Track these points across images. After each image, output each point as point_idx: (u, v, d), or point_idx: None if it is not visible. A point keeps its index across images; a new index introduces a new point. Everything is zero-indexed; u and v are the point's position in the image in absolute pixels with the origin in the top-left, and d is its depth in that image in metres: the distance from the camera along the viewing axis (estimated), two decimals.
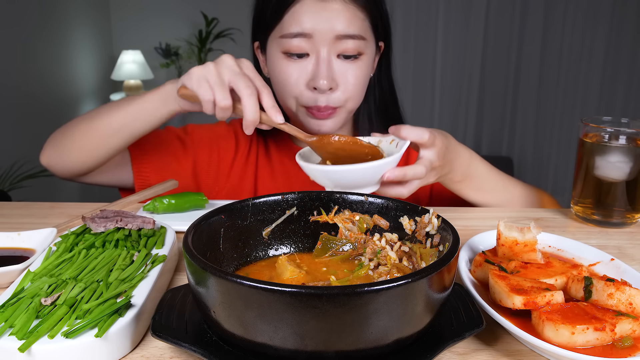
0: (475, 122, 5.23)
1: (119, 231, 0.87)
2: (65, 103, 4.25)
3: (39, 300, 0.67)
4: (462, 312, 0.68)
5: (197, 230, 0.70)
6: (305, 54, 1.22)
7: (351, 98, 1.27)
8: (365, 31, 1.23)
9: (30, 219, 1.13)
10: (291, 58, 1.23)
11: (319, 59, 1.21)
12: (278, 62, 1.25)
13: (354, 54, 1.22)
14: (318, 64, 1.21)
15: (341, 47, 1.21)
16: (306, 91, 1.24)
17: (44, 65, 3.93)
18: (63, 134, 1.26)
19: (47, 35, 3.93)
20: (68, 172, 1.28)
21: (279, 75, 1.26)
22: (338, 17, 1.19)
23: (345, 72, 1.23)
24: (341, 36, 1.20)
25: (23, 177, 3.26)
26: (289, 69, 1.23)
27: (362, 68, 1.25)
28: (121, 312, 0.65)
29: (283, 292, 0.53)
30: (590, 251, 0.89)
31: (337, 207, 0.83)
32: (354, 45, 1.21)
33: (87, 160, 1.24)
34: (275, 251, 0.83)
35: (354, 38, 1.21)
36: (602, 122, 1.11)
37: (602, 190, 1.11)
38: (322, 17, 1.19)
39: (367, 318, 0.54)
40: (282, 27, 1.22)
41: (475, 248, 0.90)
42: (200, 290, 0.60)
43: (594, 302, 0.71)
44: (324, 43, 1.20)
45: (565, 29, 4.93)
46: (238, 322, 0.57)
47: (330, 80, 1.21)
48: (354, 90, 1.26)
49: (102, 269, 0.76)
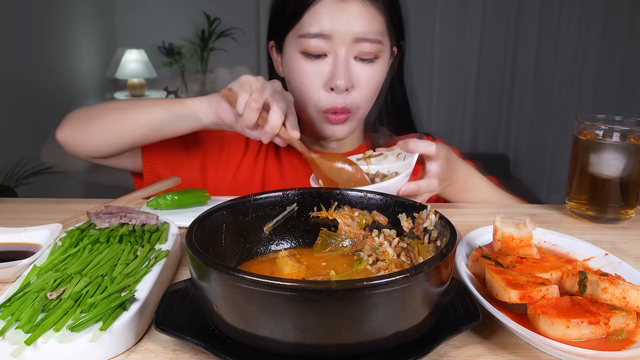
0: (472, 119, 5.22)
1: (123, 227, 0.87)
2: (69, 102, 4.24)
3: (44, 294, 0.67)
4: (459, 306, 0.68)
5: (200, 226, 0.70)
6: (323, 55, 1.21)
7: (364, 102, 1.26)
8: (382, 34, 1.22)
9: (36, 215, 1.13)
10: (309, 58, 1.22)
11: (336, 59, 1.20)
12: (296, 63, 1.24)
13: (371, 56, 1.21)
14: (336, 65, 1.20)
15: (359, 48, 1.20)
16: (323, 92, 1.23)
17: (49, 62, 3.92)
18: (89, 117, 1.25)
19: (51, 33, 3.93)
20: (83, 153, 1.27)
21: (297, 75, 1.25)
22: (357, 19, 1.18)
23: (362, 74, 1.22)
24: (359, 38, 1.19)
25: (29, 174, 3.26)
26: (307, 69, 1.22)
27: (378, 71, 1.24)
28: (125, 306, 0.65)
29: (284, 286, 0.53)
30: (584, 246, 0.89)
31: (336, 204, 0.84)
32: (372, 48, 1.20)
33: (108, 147, 1.25)
34: (276, 246, 0.83)
35: (372, 41, 1.20)
36: (596, 120, 1.11)
37: (597, 186, 1.11)
38: (341, 18, 1.18)
39: (366, 312, 0.54)
40: (301, 27, 1.21)
41: (472, 243, 0.90)
42: (202, 285, 0.60)
43: (589, 297, 0.71)
44: (342, 44, 1.19)
45: (561, 27, 4.92)
46: (240, 315, 0.57)
47: (347, 81, 1.20)
48: (367, 93, 1.25)
49: (106, 264, 0.76)
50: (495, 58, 5.05)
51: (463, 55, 5.05)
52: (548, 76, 5.06)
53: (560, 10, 4.87)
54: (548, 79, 5.07)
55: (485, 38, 5.00)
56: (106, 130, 1.23)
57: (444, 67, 5.11)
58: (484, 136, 5.29)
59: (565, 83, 5.06)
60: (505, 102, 5.19)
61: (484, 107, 5.21)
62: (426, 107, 5.16)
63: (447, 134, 5.17)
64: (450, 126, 5.22)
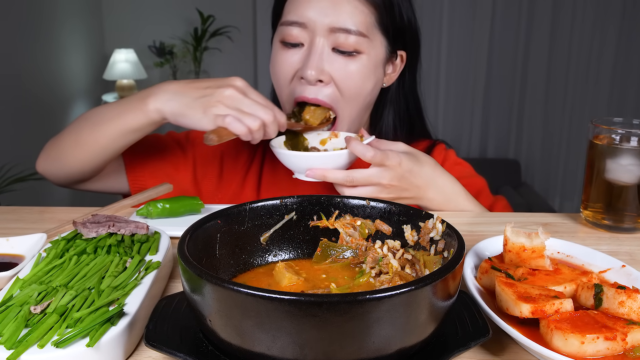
0: (481, 123, 5.23)
1: (111, 237, 0.87)
2: (55, 104, 4.25)
3: (28, 308, 0.67)
4: (468, 320, 0.68)
5: (193, 235, 0.70)
6: (300, 44, 1.23)
7: (346, 101, 1.25)
8: (368, 28, 1.22)
9: (19, 224, 1.13)
10: (286, 47, 1.24)
11: (311, 48, 1.21)
12: (275, 52, 1.27)
13: (350, 49, 1.21)
14: (309, 54, 1.21)
15: (337, 40, 1.20)
16: (296, 82, 1.24)
17: (33, 64, 3.93)
18: (54, 143, 1.28)
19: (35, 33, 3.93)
20: (63, 180, 1.30)
21: (274, 65, 1.27)
22: (336, 8, 1.19)
23: (340, 68, 1.22)
24: (336, 28, 1.19)
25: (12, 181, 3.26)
26: (282, 58, 1.24)
27: (360, 68, 1.23)
28: (113, 321, 0.65)
29: (281, 299, 0.53)
30: (600, 257, 0.89)
31: (337, 212, 0.84)
32: (351, 41, 1.20)
33: (81, 169, 1.26)
34: (273, 257, 0.84)
35: (352, 33, 1.20)
36: (612, 124, 1.11)
37: (613, 194, 1.11)
38: (319, 7, 1.19)
39: (369, 327, 0.54)
40: (282, 16, 1.25)
41: (481, 254, 0.90)
42: (195, 298, 0.60)
43: (605, 311, 0.71)
44: (319, 33, 1.20)
45: (574, 26, 4.94)
46: (235, 331, 0.57)
47: (319, 72, 1.20)
48: (348, 91, 1.24)
49: (93, 276, 0.76)
50: (505, 58, 5.06)
51: (471, 56, 5.07)
52: (561, 77, 5.07)
53: (574, 7, 4.89)
54: (561, 80, 5.08)
55: (495, 38, 5.01)
56: (70, 154, 1.24)
57: (450, 68, 5.12)
58: (494, 141, 5.30)
59: (580, 84, 5.08)
60: (515, 105, 5.19)
61: (494, 110, 5.22)
62: (432, 111, 5.17)
63: (455, 138, 5.17)
64: (458, 130, 5.23)
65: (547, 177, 5.33)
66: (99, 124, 1.20)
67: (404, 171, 1.11)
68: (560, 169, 5.30)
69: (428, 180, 1.15)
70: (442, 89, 5.16)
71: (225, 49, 5.09)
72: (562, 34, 4.97)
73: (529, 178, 5.26)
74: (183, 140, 1.40)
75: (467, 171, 1.40)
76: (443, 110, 5.21)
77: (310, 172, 1.11)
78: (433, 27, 5.00)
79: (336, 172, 1.10)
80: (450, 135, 5.15)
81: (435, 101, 5.18)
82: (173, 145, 1.38)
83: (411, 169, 1.12)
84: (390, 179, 1.10)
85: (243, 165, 1.41)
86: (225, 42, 5.07)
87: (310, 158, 1.12)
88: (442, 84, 5.15)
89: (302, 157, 1.12)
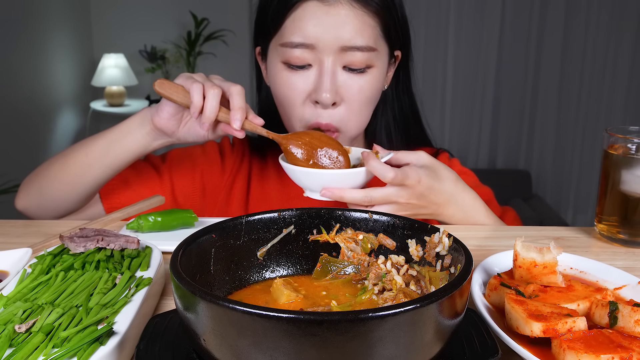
0: (490, 132, 5.23)
1: (100, 251, 0.87)
2: (42, 112, 4.25)
3: (12, 327, 0.67)
4: (476, 339, 0.68)
5: (186, 250, 0.70)
6: (308, 65, 1.21)
7: (353, 117, 1.25)
8: (376, 41, 1.22)
9: (2, 238, 1.13)
10: (292, 69, 1.22)
11: (322, 70, 1.20)
12: (278, 73, 1.25)
13: (362, 66, 1.21)
14: (321, 76, 1.20)
15: (347, 58, 1.20)
16: (308, 106, 1.23)
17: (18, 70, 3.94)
18: (38, 174, 1.29)
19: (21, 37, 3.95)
20: (48, 215, 1.30)
21: (280, 87, 1.25)
22: (344, 26, 1.17)
23: (352, 86, 1.22)
24: (347, 47, 1.18)
25: None
26: (290, 81, 1.23)
27: (371, 82, 1.24)
28: (102, 341, 0.65)
29: (279, 318, 0.53)
30: (615, 273, 0.89)
31: (338, 225, 0.84)
32: (362, 58, 1.20)
33: (66, 198, 1.27)
34: (271, 273, 0.84)
35: (362, 50, 1.19)
36: (628, 133, 1.12)
37: (629, 206, 1.11)
38: (326, 25, 1.17)
39: (372, 347, 0.54)
40: (282, 34, 1.21)
41: (489, 270, 0.90)
42: (189, 316, 0.60)
43: (620, 329, 0.71)
44: (328, 53, 1.19)
45: (589, 31, 4.95)
46: (230, 351, 0.57)
47: (334, 94, 1.20)
48: (358, 108, 1.24)
49: (81, 293, 0.77)
50: (515, 63, 5.08)
51: (479, 61, 5.08)
52: (574, 83, 5.08)
53: (588, 12, 4.91)
54: (574, 87, 5.09)
55: (505, 42, 5.03)
56: (56, 180, 1.26)
57: (459, 75, 5.13)
58: (503, 151, 5.30)
59: (594, 91, 5.09)
60: (527, 113, 5.20)
61: (503, 118, 5.22)
62: (439, 119, 5.18)
63: (463, 148, 5.17)
64: (465, 139, 5.23)
65: (560, 188, 5.32)
66: (90, 141, 1.23)
67: (424, 189, 1.10)
68: (573, 180, 5.30)
69: (448, 197, 1.14)
70: (448, 95, 5.17)
71: (220, 53, 5.10)
72: (575, 39, 4.98)
73: (540, 190, 5.26)
74: (158, 162, 1.40)
75: (472, 181, 1.39)
76: (450, 118, 5.22)
77: (325, 191, 1.08)
78: (438, 31, 5.02)
79: (354, 191, 1.08)
80: (458, 145, 5.15)
81: (442, 108, 5.19)
82: (147, 168, 1.37)
83: (431, 186, 1.11)
84: (409, 198, 1.09)
85: (227, 181, 1.41)
86: (220, 47, 5.09)
87: (326, 176, 1.08)
88: (448, 91, 5.16)
89: (317, 174, 1.09)
